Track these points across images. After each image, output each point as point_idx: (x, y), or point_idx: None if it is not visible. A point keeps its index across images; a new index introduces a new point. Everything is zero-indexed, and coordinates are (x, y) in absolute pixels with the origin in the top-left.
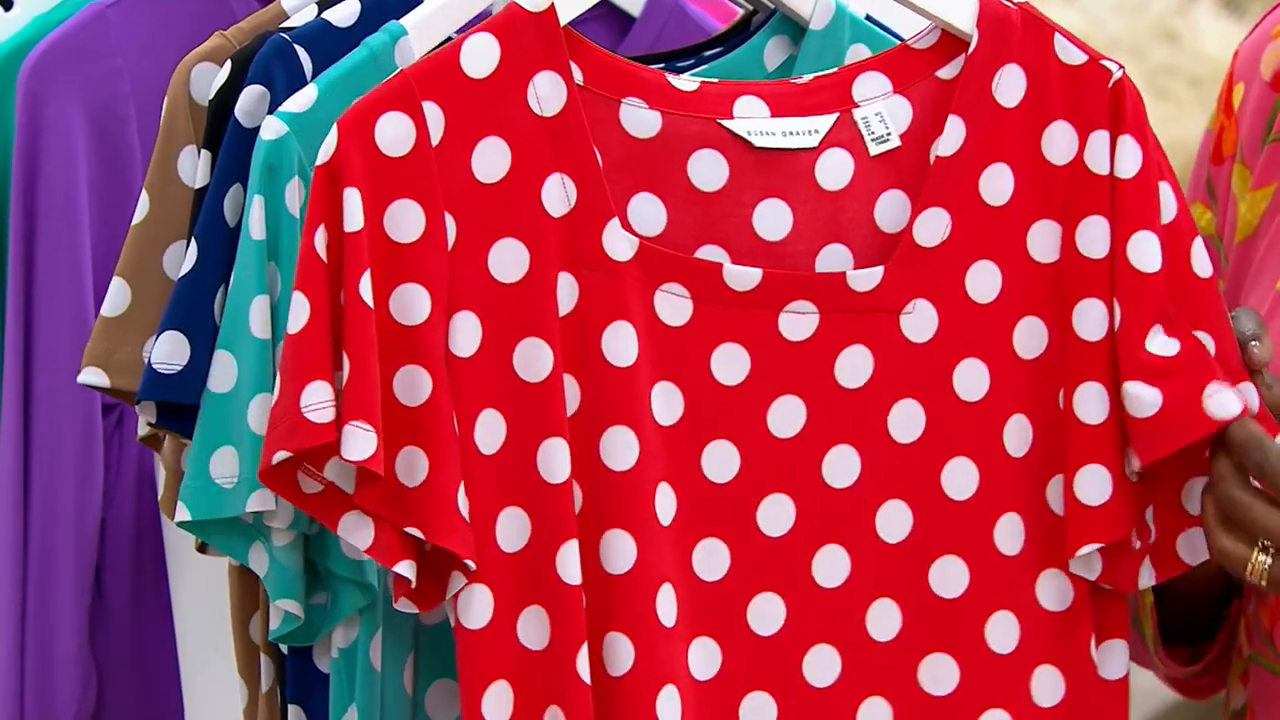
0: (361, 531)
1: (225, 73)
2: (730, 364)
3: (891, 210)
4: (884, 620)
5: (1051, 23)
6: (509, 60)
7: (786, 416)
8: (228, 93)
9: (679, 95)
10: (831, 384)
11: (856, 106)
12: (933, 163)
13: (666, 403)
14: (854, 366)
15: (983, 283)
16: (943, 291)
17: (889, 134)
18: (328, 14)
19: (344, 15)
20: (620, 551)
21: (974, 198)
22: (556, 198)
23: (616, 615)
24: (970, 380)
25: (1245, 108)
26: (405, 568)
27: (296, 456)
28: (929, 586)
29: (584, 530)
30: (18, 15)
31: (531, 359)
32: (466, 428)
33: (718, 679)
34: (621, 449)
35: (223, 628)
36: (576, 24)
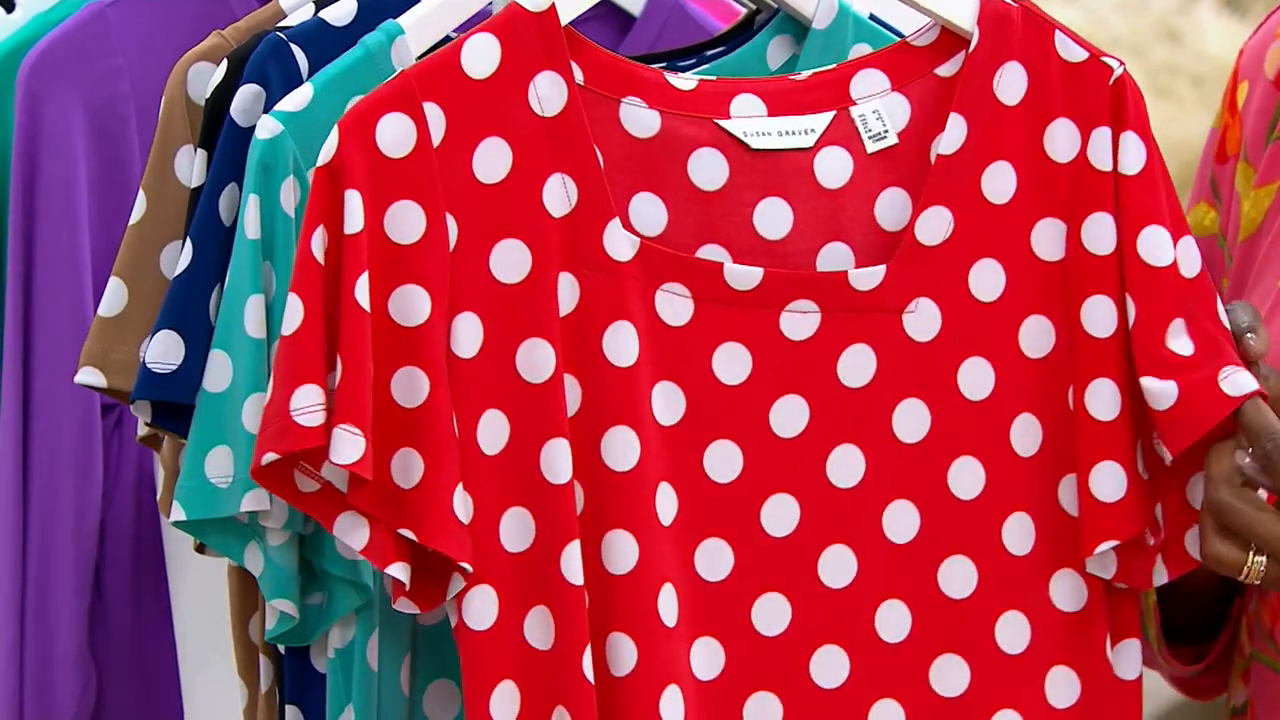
0: (357, 532)
1: (221, 72)
2: (732, 363)
3: (892, 208)
4: (893, 621)
5: (1052, 20)
6: (510, 60)
7: (789, 416)
8: (224, 92)
9: (677, 94)
10: (834, 383)
11: (854, 104)
12: (934, 161)
13: (668, 403)
14: (856, 366)
15: (986, 281)
16: (945, 290)
17: (886, 132)
18: (324, 13)
19: (341, 14)
20: (621, 552)
21: (976, 196)
22: (557, 198)
23: (618, 615)
24: (975, 379)
25: (1249, 106)
26: (398, 570)
27: (291, 457)
28: (938, 587)
29: (585, 531)
30: (19, 17)
31: (533, 359)
32: (469, 428)
33: (721, 679)
34: (622, 449)
35: (222, 628)
36: (577, 24)
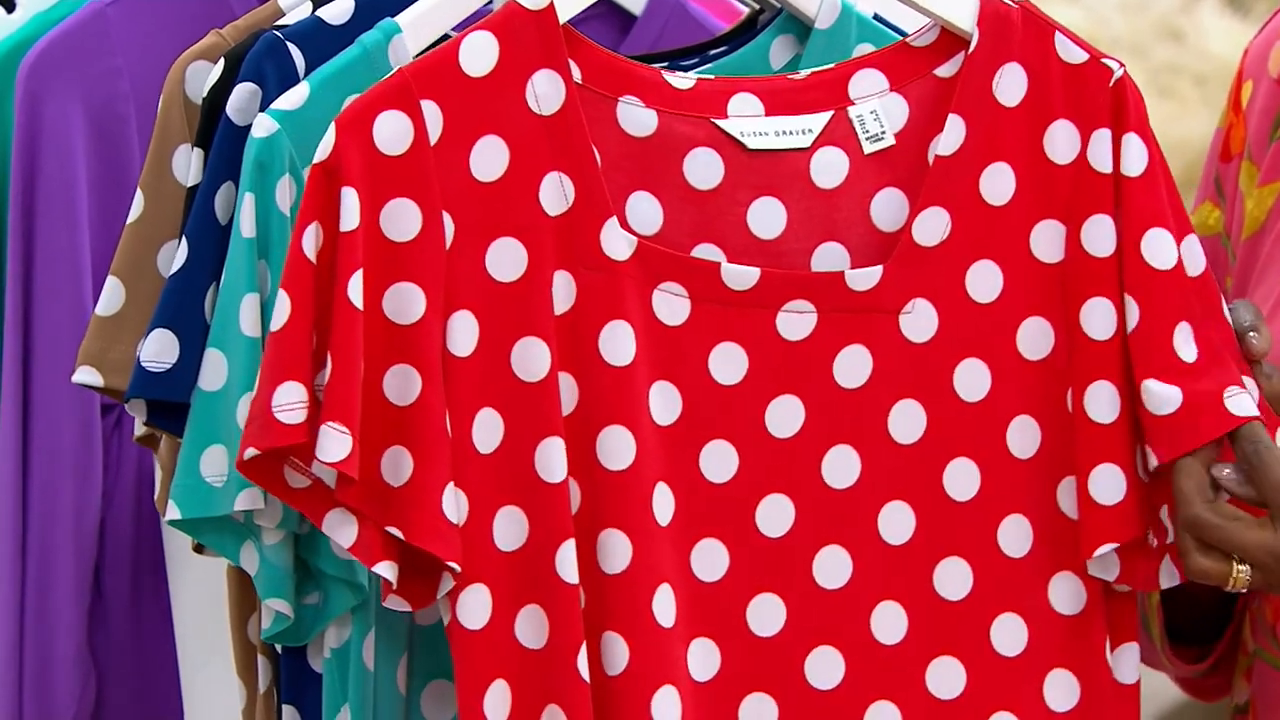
0: (345, 529)
1: (218, 70)
2: (728, 363)
3: (889, 209)
4: (889, 623)
5: (1052, 21)
6: (508, 59)
7: (785, 416)
8: (220, 90)
9: (675, 93)
10: (830, 384)
11: (852, 104)
12: (932, 162)
13: (664, 402)
14: (853, 366)
15: (983, 283)
16: (942, 291)
17: (884, 132)
18: (321, 11)
19: (338, 12)
20: (616, 551)
21: (974, 197)
22: (554, 196)
23: (613, 615)
24: (971, 381)
25: (1253, 105)
26: (385, 568)
27: (280, 452)
28: (933, 589)
29: (581, 529)
30: (19, 17)
31: (529, 358)
32: (464, 427)
33: (717, 680)
34: (618, 448)
35: (222, 628)
36: (578, 23)
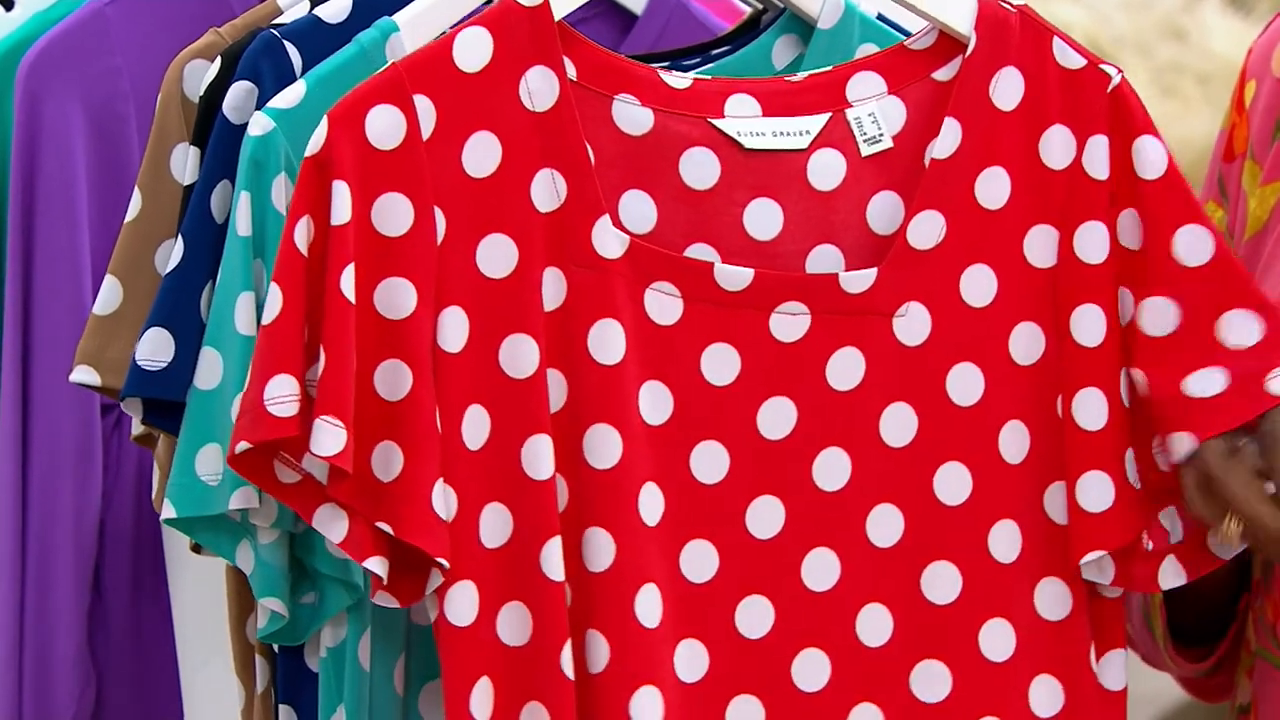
0: (336, 524)
1: (215, 69)
2: (720, 364)
3: (884, 212)
4: (875, 625)
5: (1050, 26)
6: (501, 54)
7: (777, 418)
8: (217, 89)
9: (671, 92)
10: (822, 386)
11: (849, 106)
12: (928, 165)
13: (655, 402)
14: (845, 368)
15: (977, 287)
16: (936, 295)
17: (881, 135)
18: (319, 10)
19: (335, 11)
20: (599, 549)
21: (969, 201)
22: (545, 193)
23: (595, 613)
24: (964, 385)
25: (1256, 105)
26: (376, 564)
27: (271, 446)
28: (921, 592)
29: (568, 527)
30: (18, 15)
31: (517, 355)
32: (453, 423)
33: (704, 681)
34: (604, 447)
35: (222, 628)
36: (578, 23)
